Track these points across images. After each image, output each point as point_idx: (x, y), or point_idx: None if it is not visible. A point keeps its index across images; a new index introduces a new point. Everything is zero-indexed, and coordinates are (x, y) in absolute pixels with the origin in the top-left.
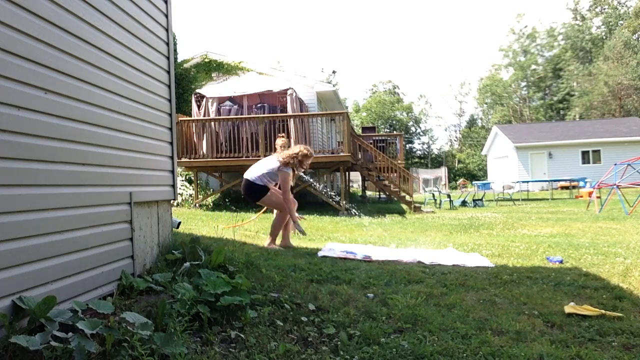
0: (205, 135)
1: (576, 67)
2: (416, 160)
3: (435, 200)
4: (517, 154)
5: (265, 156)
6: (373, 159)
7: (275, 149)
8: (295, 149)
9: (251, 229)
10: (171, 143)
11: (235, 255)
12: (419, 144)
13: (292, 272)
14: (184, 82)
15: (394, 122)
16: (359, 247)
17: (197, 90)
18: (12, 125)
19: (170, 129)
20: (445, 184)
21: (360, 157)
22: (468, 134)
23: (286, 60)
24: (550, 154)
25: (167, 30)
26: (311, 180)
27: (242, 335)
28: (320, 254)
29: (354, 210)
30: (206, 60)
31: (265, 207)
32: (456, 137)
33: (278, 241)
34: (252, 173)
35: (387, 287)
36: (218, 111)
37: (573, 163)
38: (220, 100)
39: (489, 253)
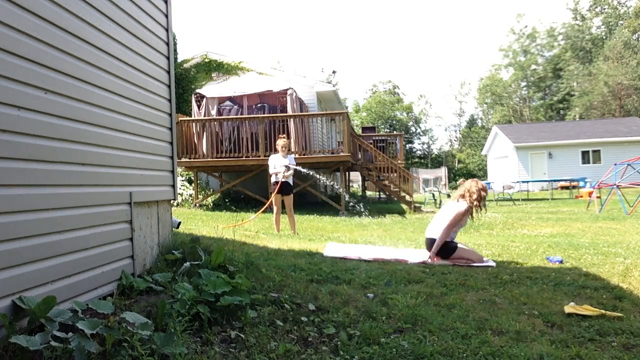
0: (205, 135)
1: (576, 67)
2: (416, 160)
3: (435, 200)
4: (517, 154)
5: (265, 156)
6: (373, 159)
7: (275, 150)
8: (473, 186)
9: (251, 229)
10: (171, 143)
11: (235, 255)
12: (419, 144)
13: (292, 272)
14: (184, 82)
15: (394, 122)
16: (362, 248)
17: (197, 90)
18: (12, 125)
19: (170, 129)
20: (445, 184)
21: (360, 157)
22: (468, 134)
23: (286, 60)
24: (550, 154)
25: (167, 30)
26: (318, 175)
27: (242, 335)
28: (325, 254)
29: (358, 207)
30: (206, 60)
31: (264, 208)
32: (456, 137)
33: None
34: (436, 230)
35: (387, 287)
36: (218, 111)
37: (573, 163)
38: (220, 100)
39: (489, 253)
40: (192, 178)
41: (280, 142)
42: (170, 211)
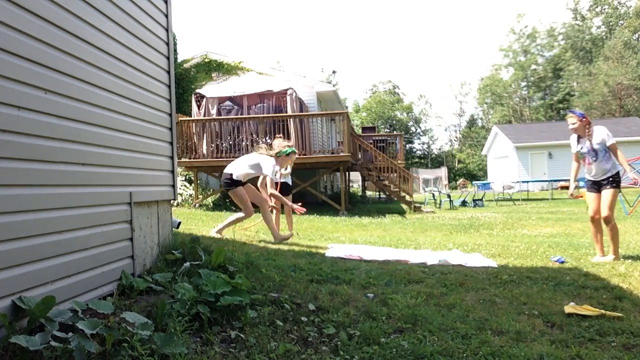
0: (205, 135)
1: (576, 67)
2: (416, 160)
3: (435, 200)
4: (517, 154)
5: None
6: (373, 159)
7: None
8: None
9: (251, 229)
10: (171, 143)
11: (235, 255)
12: (419, 144)
13: (292, 272)
14: (184, 82)
15: (394, 122)
16: (364, 248)
17: (197, 90)
18: (12, 125)
19: (170, 129)
20: (445, 184)
21: (360, 157)
22: (468, 134)
23: (286, 60)
24: (550, 154)
25: (167, 30)
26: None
27: (242, 335)
28: (327, 254)
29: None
30: (206, 60)
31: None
32: (456, 137)
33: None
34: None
35: (387, 287)
36: (218, 111)
37: None
38: (220, 100)
39: (489, 253)
40: (192, 178)
41: (277, 142)
42: (170, 211)
